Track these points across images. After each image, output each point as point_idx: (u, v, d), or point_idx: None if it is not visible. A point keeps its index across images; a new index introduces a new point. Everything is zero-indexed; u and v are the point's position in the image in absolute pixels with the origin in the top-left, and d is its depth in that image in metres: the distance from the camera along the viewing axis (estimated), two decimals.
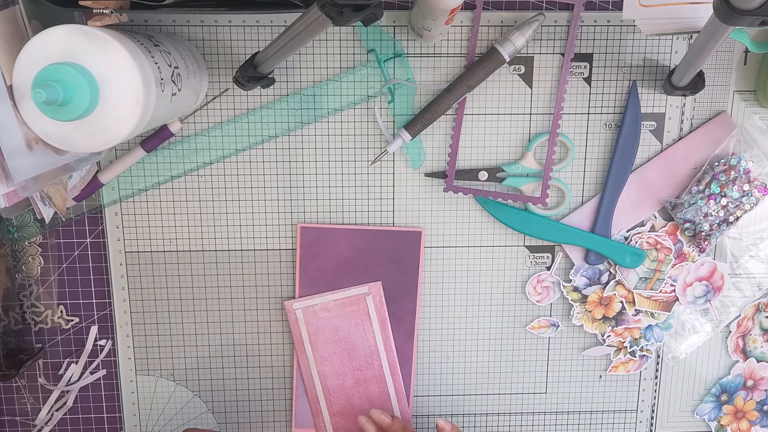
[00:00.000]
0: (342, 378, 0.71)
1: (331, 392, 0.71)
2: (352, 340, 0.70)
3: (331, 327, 0.70)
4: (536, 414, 0.76)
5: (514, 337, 0.73)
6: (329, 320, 0.70)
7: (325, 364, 0.70)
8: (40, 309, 0.70)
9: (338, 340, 0.70)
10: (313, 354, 0.70)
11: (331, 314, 0.69)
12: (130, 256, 0.68)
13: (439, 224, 0.70)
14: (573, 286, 0.71)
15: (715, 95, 0.69)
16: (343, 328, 0.70)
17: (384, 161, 0.68)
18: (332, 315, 0.69)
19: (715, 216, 0.68)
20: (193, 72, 0.59)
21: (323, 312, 0.69)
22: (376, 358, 0.71)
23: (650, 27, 0.60)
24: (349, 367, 0.71)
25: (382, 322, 0.70)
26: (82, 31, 0.47)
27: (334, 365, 0.70)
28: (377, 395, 0.72)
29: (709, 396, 0.76)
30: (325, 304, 0.69)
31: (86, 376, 0.71)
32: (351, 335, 0.70)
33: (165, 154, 0.66)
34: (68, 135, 0.49)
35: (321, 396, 0.71)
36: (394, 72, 0.66)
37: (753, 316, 0.74)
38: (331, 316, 0.69)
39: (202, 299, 0.70)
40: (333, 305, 0.69)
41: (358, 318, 0.70)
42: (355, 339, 0.70)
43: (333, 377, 0.71)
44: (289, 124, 0.66)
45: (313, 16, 0.46)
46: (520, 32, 0.62)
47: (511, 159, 0.69)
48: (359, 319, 0.70)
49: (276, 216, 0.69)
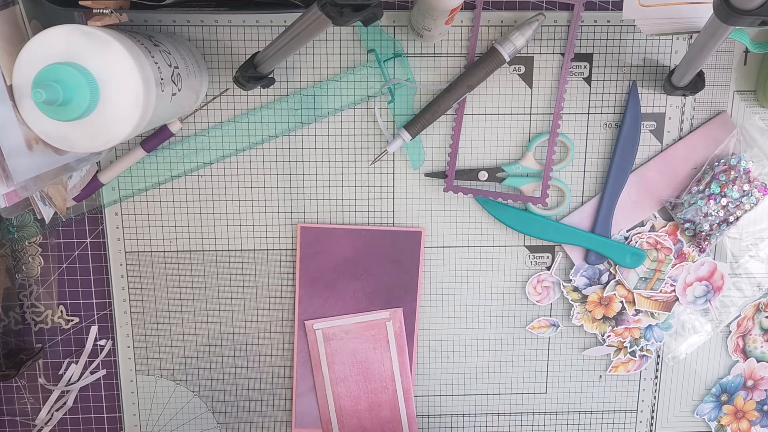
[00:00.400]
0: (356, 400, 0.71)
1: (344, 413, 0.71)
2: (369, 363, 0.71)
3: (350, 349, 0.70)
4: (536, 414, 0.76)
5: (514, 337, 0.73)
6: (348, 342, 0.70)
7: (341, 385, 0.71)
8: (40, 309, 0.70)
9: (355, 362, 0.71)
10: (330, 374, 0.71)
11: (350, 336, 0.70)
12: (130, 256, 0.68)
13: (439, 224, 0.70)
14: (573, 286, 0.71)
15: (715, 95, 0.69)
16: (362, 351, 0.70)
17: (384, 161, 0.68)
18: (351, 337, 0.70)
19: (715, 216, 0.68)
20: (193, 72, 0.59)
21: (343, 334, 0.70)
22: (390, 383, 0.71)
23: (650, 27, 0.60)
24: (363, 390, 0.71)
25: (400, 348, 0.71)
26: (82, 31, 0.47)
27: (349, 387, 0.71)
28: (389, 420, 0.72)
29: (709, 396, 0.76)
30: (346, 327, 0.70)
31: (86, 376, 0.71)
32: (368, 359, 0.71)
33: (165, 154, 0.66)
34: (68, 135, 0.49)
35: (334, 416, 0.71)
36: (394, 72, 0.66)
37: (753, 316, 0.74)
38: (350, 338, 0.70)
39: (202, 299, 0.70)
40: (353, 328, 0.70)
41: (377, 342, 0.70)
42: (372, 363, 0.71)
43: (347, 399, 0.71)
44: (289, 124, 0.66)
45: (313, 16, 0.47)
46: (520, 32, 0.62)
47: (511, 159, 0.69)
48: (378, 343, 0.70)
49: (276, 216, 0.69)
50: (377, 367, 0.71)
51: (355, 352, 0.70)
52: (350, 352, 0.70)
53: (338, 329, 0.70)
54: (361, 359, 0.70)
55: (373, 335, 0.70)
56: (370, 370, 0.71)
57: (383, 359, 0.70)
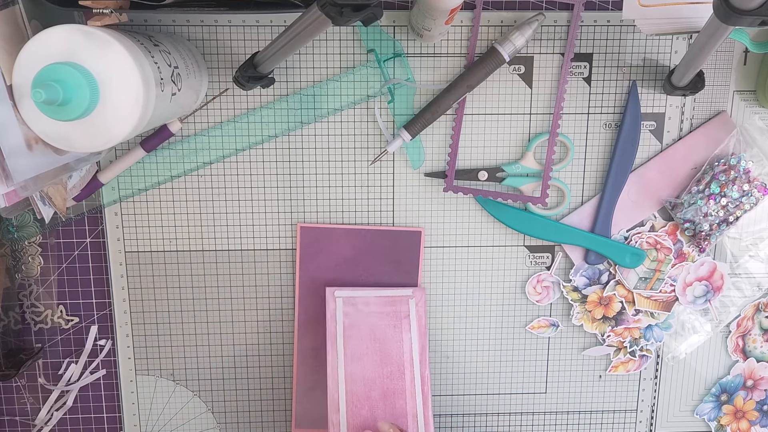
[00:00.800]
0: (370, 385, 0.66)
1: (355, 399, 0.66)
2: (388, 342, 0.67)
3: (368, 324, 0.66)
4: (536, 414, 0.76)
5: (513, 337, 0.73)
6: (367, 316, 0.66)
7: (355, 364, 0.66)
8: (40, 309, 0.70)
9: (374, 340, 0.66)
10: (345, 350, 0.66)
11: (370, 309, 0.67)
12: (130, 256, 0.68)
13: (439, 224, 0.70)
14: (573, 285, 0.71)
15: (715, 95, 0.69)
16: (380, 328, 0.66)
17: (384, 161, 0.68)
18: (371, 311, 0.67)
19: (714, 216, 0.68)
20: (193, 72, 0.59)
21: (363, 306, 0.67)
22: (409, 368, 0.66)
23: (650, 27, 0.60)
24: (378, 374, 0.66)
25: (421, 331, 0.67)
26: (82, 31, 0.47)
27: (364, 367, 0.66)
28: (402, 413, 0.66)
29: (708, 396, 0.76)
30: (367, 299, 0.67)
31: (86, 376, 0.71)
32: (387, 337, 0.66)
33: (165, 154, 0.66)
34: (68, 135, 0.49)
35: (343, 403, 0.66)
36: (394, 72, 0.66)
37: (753, 316, 0.74)
38: (370, 311, 0.66)
39: (202, 299, 0.70)
40: (374, 301, 0.67)
41: (398, 320, 0.67)
42: (390, 342, 0.67)
43: (360, 383, 0.66)
44: (289, 124, 0.66)
45: (313, 16, 0.47)
46: (520, 32, 0.62)
47: (511, 159, 0.69)
48: (398, 321, 0.67)
49: (276, 216, 0.69)
50: (395, 349, 0.66)
51: (373, 329, 0.66)
52: (369, 327, 0.66)
53: (359, 300, 0.66)
54: (380, 337, 0.66)
55: (394, 311, 0.67)
56: (388, 350, 0.66)
57: (402, 340, 0.66)
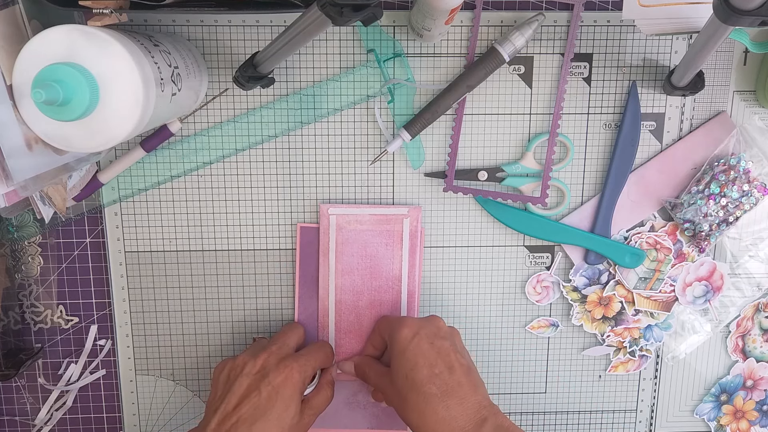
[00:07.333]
0: (358, 295, 0.69)
1: (343, 307, 0.69)
2: (379, 259, 0.68)
3: (361, 241, 0.68)
4: (536, 414, 0.76)
5: (513, 337, 0.73)
6: (360, 233, 0.68)
7: (345, 277, 0.68)
8: (40, 309, 0.70)
9: (365, 256, 0.68)
10: (336, 264, 0.68)
11: (363, 227, 0.68)
12: (130, 256, 0.68)
13: (439, 224, 0.70)
14: (572, 286, 0.71)
15: (714, 95, 0.69)
16: (372, 245, 0.68)
17: (384, 161, 0.68)
18: (365, 229, 0.68)
19: (714, 216, 0.68)
20: (193, 72, 0.59)
21: (356, 224, 0.68)
22: (397, 283, 0.69)
23: (650, 27, 0.60)
24: (367, 287, 0.69)
25: (412, 248, 0.68)
26: (82, 31, 0.47)
27: (353, 280, 0.69)
28: None
29: (708, 396, 0.76)
30: (360, 217, 0.68)
31: (86, 376, 0.71)
32: (378, 254, 0.68)
33: (165, 154, 0.66)
34: (68, 135, 0.49)
35: (332, 310, 0.69)
36: (394, 72, 0.66)
37: (753, 316, 0.74)
38: (363, 229, 0.68)
39: (202, 299, 0.70)
40: (368, 219, 0.68)
41: (390, 238, 0.68)
42: (381, 259, 0.68)
43: (349, 293, 0.69)
44: (289, 124, 0.66)
45: (313, 16, 0.47)
46: (520, 32, 0.62)
47: (511, 159, 0.69)
48: (391, 239, 0.68)
49: (276, 216, 0.69)
50: (386, 265, 0.68)
51: (366, 245, 0.68)
52: (361, 243, 0.68)
53: (353, 218, 0.67)
54: (371, 253, 0.68)
55: (387, 230, 0.68)
56: (378, 266, 0.68)
57: (393, 257, 0.68)
